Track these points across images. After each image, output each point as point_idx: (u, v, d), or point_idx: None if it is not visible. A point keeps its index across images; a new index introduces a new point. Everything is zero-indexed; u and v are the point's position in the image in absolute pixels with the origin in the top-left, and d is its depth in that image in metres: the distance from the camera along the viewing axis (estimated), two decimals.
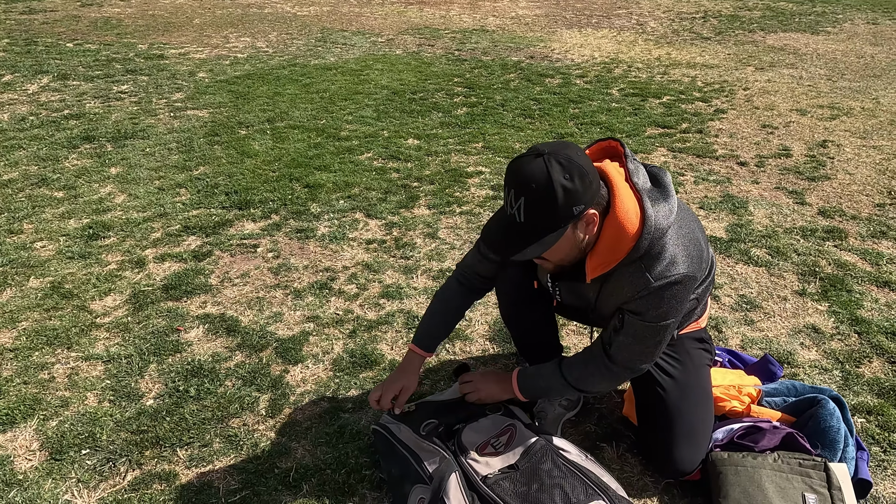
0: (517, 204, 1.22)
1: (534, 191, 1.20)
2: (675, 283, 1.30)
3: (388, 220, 2.97)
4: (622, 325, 1.38)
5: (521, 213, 1.23)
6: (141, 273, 2.53)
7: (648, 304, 1.32)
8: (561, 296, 1.56)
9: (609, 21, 7.98)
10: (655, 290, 1.30)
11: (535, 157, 1.21)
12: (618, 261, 1.30)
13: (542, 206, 1.21)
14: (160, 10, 8.20)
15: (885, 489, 1.60)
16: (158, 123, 4.17)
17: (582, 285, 1.42)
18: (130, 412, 1.83)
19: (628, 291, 1.33)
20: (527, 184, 1.20)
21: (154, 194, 3.18)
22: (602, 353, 1.45)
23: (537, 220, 1.23)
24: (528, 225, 1.24)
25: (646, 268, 1.30)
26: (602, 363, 1.45)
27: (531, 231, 1.25)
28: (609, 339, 1.43)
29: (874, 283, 2.47)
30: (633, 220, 1.28)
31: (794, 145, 3.89)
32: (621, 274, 1.33)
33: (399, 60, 5.90)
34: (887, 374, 1.99)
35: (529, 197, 1.21)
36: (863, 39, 6.84)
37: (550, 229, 1.24)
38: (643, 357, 1.42)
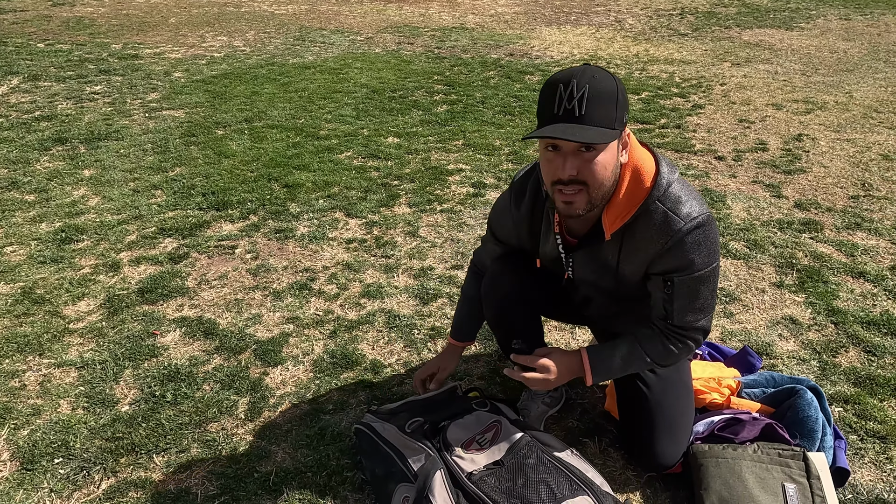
0: (579, 93, 1.13)
1: (598, 81, 1.14)
2: (704, 224, 1.26)
3: (369, 218, 2.94)
4: (672, 291, 1.31)
5: (582, 104, 1.13)
6: (115, 277, 2.48)
7: (688, 253, 1.27)
8: (573, 270, 1.46)
9: (588, 18, 8.02)
10: (688, 233, 1.25)
11: (584, 65, 1.19)
12: (637, 206, 1.27)
13: (604, 98, 1.15)
14: (134, 10, 8.06)
15: (863, 477, 1.62)
16: (133, 124, 4.10)
17: (600, 248, 1.36)
18: (105, 419, 1.79)
19: (660, 240, 1.27)
20: (589, 75, 1.15)
21: (129, 196, 3.12)
22: (666, 328, 1.39)
23: (599, 113, 1.15)
24: (589, 116, 1.15)
25: (671, 209, 1.25)
26: (672, 336, 1.39)
27: (592, 121, 1.15)
28: (664, 313, 1.36)
29: (849, 273, 2.51)
30: (648, 163, 1.27)
31: (770, 139, 3.94)
32: (646, 221, 1.28)
33: (378, 59, 5.87)
34: (863, 364, 2.02)
35: (594, 86, 1.14)
36: (836, 35, 6.95)
37: (609, 126, 1.16)
38: (706, 311, 1.36)
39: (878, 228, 2.85)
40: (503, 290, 1.61)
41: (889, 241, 2.74)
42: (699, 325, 1.38)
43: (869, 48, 6.33)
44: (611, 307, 1.55)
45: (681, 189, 1.27)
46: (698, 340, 1.41)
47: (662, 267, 1.31)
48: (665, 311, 1.36)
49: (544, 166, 1.26)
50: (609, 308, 1.57)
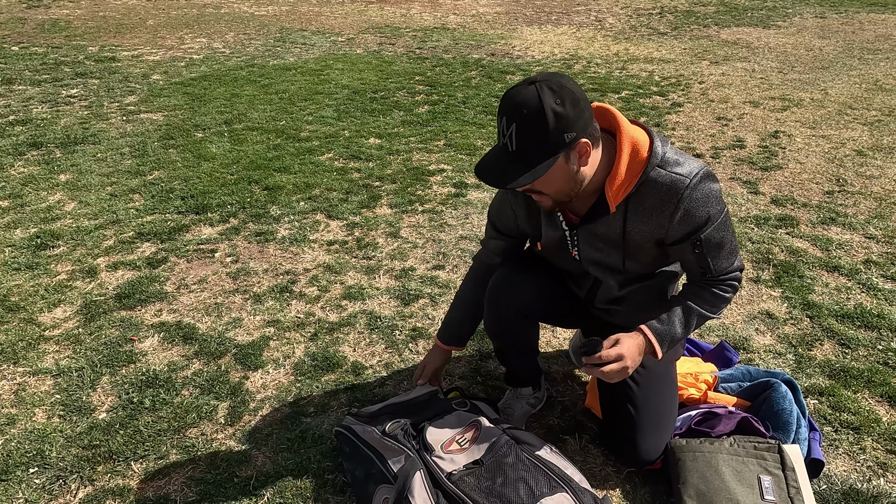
0: (509, 131, 1.20)
1: (524, 116, 1.18)
2: (706, 176, 1.30)
3: (350, 220, 2.94)
4: (703, 249, 1.35)
5: (512, 140, 1.21)
6: (92, 282, 2.45)
7: (703, 207, 1.30)
8: (580, 249, 1.48)
9: (568, 18, 8.07)
10: (695, 187, 1.29)
11: (528, 84, 1.20)
12: (638, 175, 1.29)
13: (532, 132, 1.19)
14: (111, 12, 7.96)
15: (837, 467, 1.65)
16: (110, 128, 4.05)
17: (605, 222, 1.39)
18: (82, 427, 1.77)
19: (670, 200, 1.30)
20: (518, 109, 1.19)
21: (106, 201, 3.08)
22: (708, 281, 1.42)
23: (529, 146, 1.21)
24: (520, 152, 1.21)
25: (673, 171, 1.29)
26: (718, 285, 1.42)
27: (523, 158, 1.22)
28: (702, 271, 1.40)
29: (824, 268, 2.55)
30: (643, 137, 1.31)
31: (747, 136, 3.99)
32: (651, 188, 1.31)
33: (360, 59, 5.85)
34: (838, 357, 2.05)
35: (520, 122, 1.19)
36: (811, 33, 7.06)
37: (542, 156, 1.21)
38: (735, 252, 1.40)
39: (852, 223, 2.90)
40: (507, 305, 1.60)
41: (863, 236, 2.79)
42: (735, 266, 1.42)
43: (843, 45, 6.44)
44: (619, 290, 1.54)
45: (675, 153, 1.32)
46: (739, 279, 1.45)
47: (684, 230, 1.34)
48: (703, 269, 1.40)
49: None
50: (618, 291, 1.55)
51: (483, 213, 2.99)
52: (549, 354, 2.08)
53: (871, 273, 2.51)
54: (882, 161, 3.60)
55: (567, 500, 1.36)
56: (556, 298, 1.66)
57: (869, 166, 3.53)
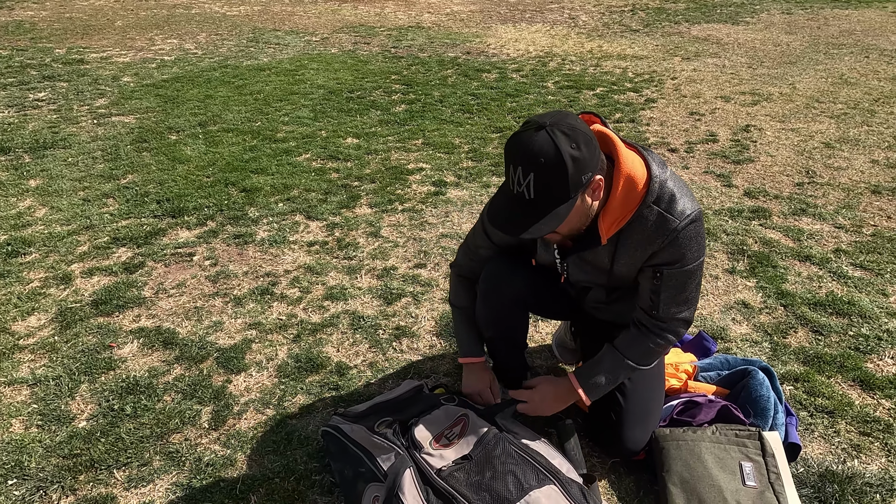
0: (526, 180, 1.18)
1: (543, 165, 1.16)
2: (696, 221, 1.31)
3: (330, 220, 2.92)
4: (661, 282, 1.36)
5: (530, 189, 1.18)
6: (67, 289, 2.40)
7: (681, 248, 1.31)
8: (569, 272, 1.51)
9: (542, 16, 8.13)
10: (683, 229, 1.29)
11: (538, 129, 1.17)
12: (632, 211, 1.30)
13: (553, 180, 1.17)
14: (78, 13, 7.79)
15: (814, 450, 1.70)
16: (81, 131, 3.96)
17: (595, 252, 1.40)
18: (61, 436, 1.73)
19: (656, 240, 1.31)
20: (535, 159, 1.16)
21: (79, 206, 3.02)
22: (650, 320, 1.42)
23: (549, 194, 1.19)
24: (539, 200, 1.20)
25: (666, 210, 1.29)
26: (656, 330, 1.43)
27: (543, 206, 1.20)
28: (650, 305, 1.40)
29: (796, 257, 2.62)
30: (640, 170, 1.29)
31: (719, 131, 4.07)
32: (642, 224, 1.31)
33: (335, 59, 5.82)
34: (811, 343, 2.11)
35: (539, 172, 1.16)
36: (779, 29, 7.22)
37: (562, 201, 1.20)
38: (690, 303, 1.40)
39: (821, 213, 2.98)
40: (502, 294, 1.61)
41: (832, 226, 2.87)
42: (682, 317, 1.42)
43: (810, 41, 6.59)
44: (609, 294, 1.57)
45: (673, 187, 1.31)
46: (679, 333, 1.45)
47: (655, 261, 1.36)
48: (651, 302, 1.40)
49: None
50: (607, 295, 1.58)
51: (462, 211, 3.00)
52: (533, 349, 2.10)
53: (841, 261, 2.58)
54: (849, 153, 3.70)
55: (555, 491, 1.37)
56: (547, 288, 1.67)
57: (836, 158, 3.62)
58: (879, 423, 1.78)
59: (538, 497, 1.34)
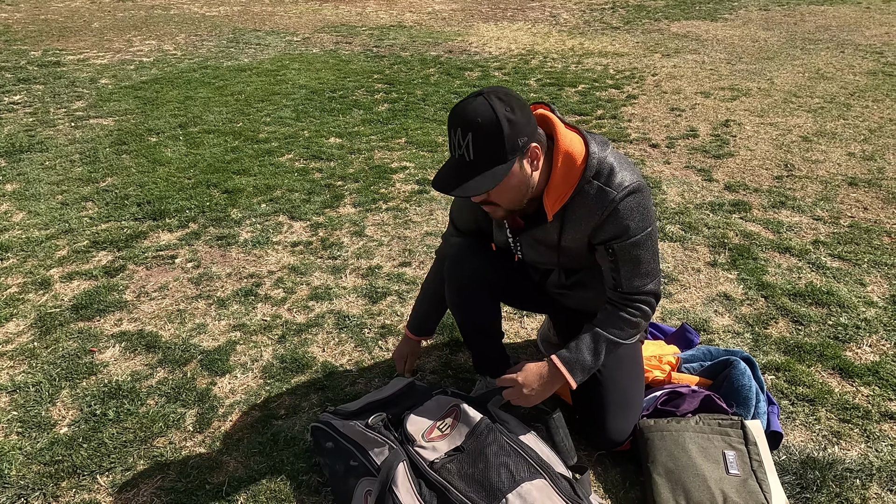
0: (465, 141, 1.25)
1: (480, 125, 1.24)
2: (635, 191, 1.35)
3: (313, 220, 2.91)
4: (615, 258, 1.41)
5: (469, 150, 1.26)
6: (46, 294, 2.36)
7: (623, 220, 1.36)
8: (522, 252, 1.57)
9: (524, 14, 8.15)
10: (621, 201, 1.34)
11: (476, 96, 1.26)
12: (573, 186, 1.36)
13: (489, 139, 1.25)
14: (53, 15, 7.67)
15: (795, 438, 1.72)
16: (58, 135, 3.90)
17: (543, 229, 1.46)
18: (42, 442, 1.71)
19: (596, 212, 1.37)
20: (473, 120, 1.24)
21: (57, 210, 2.97)
22: (619, 296, 1.46)
23: (486, 153, 1.26)
24: (478, 160, 1.27)
25: (605, 184, 1.35)
26: (626, 303, 1.46)
27: (481, 165, 1.28)
28: (614, 283, 1.44)
29: (776, 249, 2.65)
30: (578, 146, 1.36)
31: (700, 126, 4.11)
32: (583, 199, 1.37)
33: (316, 59, 5.79)
34: (792, 333, 2.14)
35: (477, 132, 1.24)
36: (756, 25, 7.31)
37: (500, 161, 1.27)
38: (652, 275, 1.44)
39: (800, 206, 3.02)
40: (464, 272, 1.64)
41: (811, 217, 2.92)
42: (648, 290, 1.45)
43: (787, 36, 6.69)
44: (568, 277, 1.61)
45: (613, 161, 1.37)
46: (651, 304, 1.48)
47: (602, 237, 1.40)
48: (614, 280, 1.45)
49: None
50: (567, 278, 1.62)
51: (447, 209, 3.00)
52: (518, 345, 2.11)
53: (820, 252, 2.62)
54: (826, 146, 3.76)
55: (545, 485, 1.38)
56: (511, 274, 1.70)
57: (814, 151, 3.68)
58: (858, 409, 1.81)
59: (529, 489, 1.35)
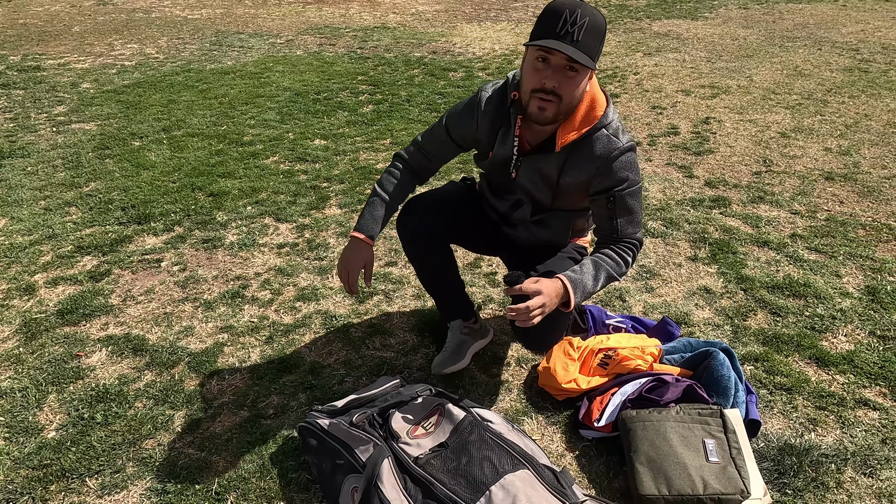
0: (581, 22, 1.38)
1: (596, 18, 1.40)
2: (634, 150, 1.56)
3: (299, 222, 2.92)
4: (615, 206, 1.59)
5: (581, 32, 1.39)
6: (31, 300, 2.35)
7: (625, 170, 1.56)
8: (518, 173, 1.67)
9: (507, 14, 8.20)
10: (625, 153, 1.54)
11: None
12: (588, 127, 1.53)
13: (597, 35, 1.42)
14: (32, 19, 7.59)
15: (773, 426, 1.77)
16: (40, 140, 3.87)
17: (548, 159, 1.59)
18: (30, 447, 1.71)
19: (602, 157, 1.54)
20: (592, 12, 1.40)
21: (40, 215, 2.96)
22: (613, 242, 1.64)
23: (590, 43, 1.41)
24: (583, 44, 1.40)
25: (614, 135, 1.55)
26: (621, 249, 1.63)
27: (583, 48, 1.40)
28: (611, 229, 1.63)
29: (755, 243, 2.71)
30: (601, 99, 1.56)
31: (681, 123, 4.17)
32: (592, 142, 1.55)
33: (300, 61, 5.79)
34: (770, 325, 2.20)
35: (592, 21, 1.39)
36: (736, 23, 7.41)
37: (594, 56, 1.42)
38: (641, 225, 1.65)
39: (778, 201, 3.09)
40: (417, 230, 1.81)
41: (788, 212, 2.98)
42: (638, 237, 1.66)
43: (765, 34, 6.79)
44: (534, 214, 1.75)
45: (620, 124, 1.59)
46: (638, 250, 1.67)
47: (605, 184, 1.58)
48: (611, 227, 1.63)
49: (530, 73, 1.48)
50: (533, 214, 1.76)
51: None
52: (504, 341, 2.14)
53: (797, 246, 2.68)
54: (803, 141, 3.83)
55: (529, 475, 1.41)
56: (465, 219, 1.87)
57: (792, 147, 3.75)
58: (834, 397, 1.87)
59: (513, 480, 1.38)
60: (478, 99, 1.69)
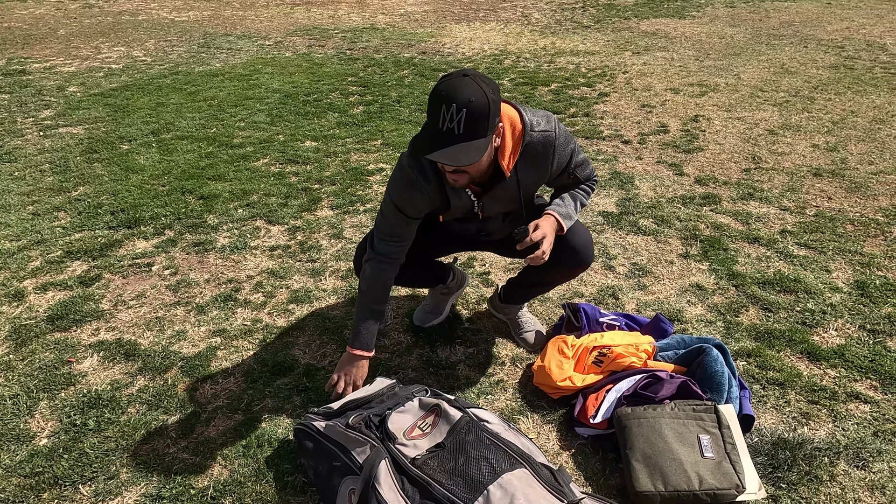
0: (458, 117, 1.41)
1: (473, 105, 1.41)
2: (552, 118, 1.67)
3: (291, 224, 2.91)
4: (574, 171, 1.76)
5: (461, 125, 1.41)
6: (20, 306, 2.33)
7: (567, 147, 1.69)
8: (484, 210, 1.77)
9: (496, 14, 8.21)
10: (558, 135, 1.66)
11: (463, 76, 1.43)
12: (520, 143, 1.62)
13: (479, 118, 1.42)
14: (17, 22, 7.51)
15: (766, 421, 1.79)
16: (27, 144, 3.83)
17: (504, 187, 1.69)
18: (22, 455, 1.69)
19: (548, 152, 1.66)
20: (467, 100, 1.40)
21: (28, 221, 2.93)
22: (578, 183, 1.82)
23: (474, 129, 1.43)
24: (466, 134, 1.43)
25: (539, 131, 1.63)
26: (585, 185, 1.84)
27: (467, 139, 1.44)
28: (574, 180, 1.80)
29: (745, 240, 2.73)
30: (513, 112, 1.62)
31: (670, 122, 4.20)
32: (532, 149, 1.64)
33: (289, 62, 5.77)
34: (762, 320, 2.21)
35: (470, 110, 1.41)
36: (723, 22, 7.47)
37: (482, 136, 1.45)
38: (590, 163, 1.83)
39: (768, 197, 3.11)
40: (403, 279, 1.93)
41: (778, 208, 3.01)
42: (593, 173, 1.85)
43: (752, 33, 6.85)
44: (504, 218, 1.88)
45: (532, 114, 1.65)
46: (596, 181, 1.89)
47: (562, 167, 1.72)
48: (574, 181, 1.81)
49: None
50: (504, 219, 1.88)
51: None
52: (498, 340, 2.14)
53: (787, 242, 2.71)
54: (791, 138, 3.87)
55: (526, 474, 1.41)
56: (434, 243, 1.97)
57: (780, 144, 3.79)
58: (826, 391, 1.88)
59: (510, 479, 1.38)
60: (409, 172, 1.66)
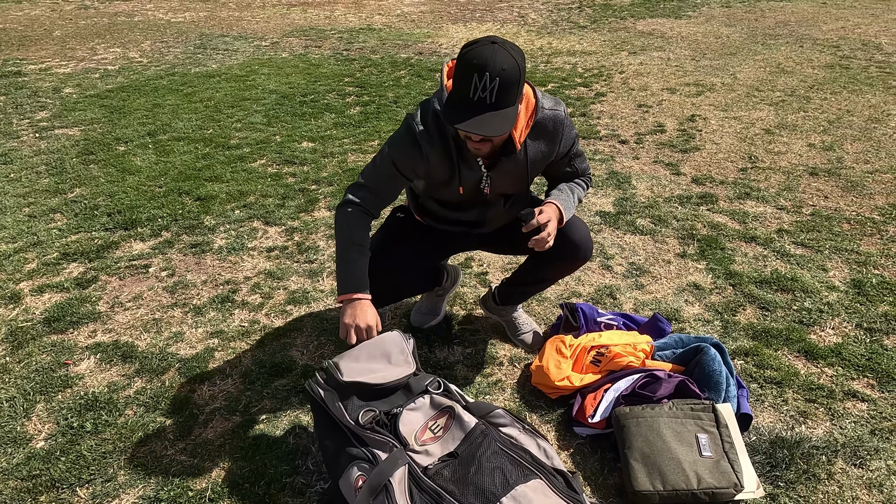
0: (491, 86, 1.39)
1: (506, 73, 1.40)
2: (565, 107, 1.72)
3: (289, 225, 2.90)
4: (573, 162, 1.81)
5: (493, 94, 1.40)
6: (17, 308, 2.32)
7: (570, 130, 1.73)
8: (491, 186, 1.75)
9: (492, 14, 8.21)
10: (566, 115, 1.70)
11: (491, 44, 1.41)
12: (532, 118, 1.64)
13: (511, 86, 1.42)
14: (12, 24, 7.48)
15: (764, 420, 1.79)
16: (22, 146, 3.82)
17: (513, 159, 1.69)
18: (18, 458, 1.68)
19: (557, 129, 1.69)
20: (501, 69, 1.39)
21: (24, 223, 2.92)
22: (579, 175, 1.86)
23: (506, 98, 1.43)
24: (498, 103, 1.42)
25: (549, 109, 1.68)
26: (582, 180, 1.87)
27: (499, 107, 1.43)
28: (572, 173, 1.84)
29: (742, 239, 2.74)
30: (530, 91, 1.65)
31: (667, 121, 4.20)
32: (542, 125, 1.67)
33: (286, 63, 5.76)
34: (759, 319, 2.22)
35: (503, 79, 1.39)
36: (719, 21, 7.49)
37: (512, 104, 1.45)
38: (586, 158, 1.88)
39: (764, 196, 3.12)
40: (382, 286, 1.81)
41: (774, 207, 3.01)
42: (589, 169, 1.89)
43: (748, 32, 6.87)
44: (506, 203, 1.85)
45: (544, 97, 1.69)
46: (591, 177, 1.93)
47: (565, 149, 1.75)
48: (572, 171, 1.83)
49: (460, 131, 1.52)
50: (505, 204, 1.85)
51: None
52: (496, 340, 2.14)
53: (784, 241, 2.71)
54: (787, 137, 3.88)
55: (541, 485, 1.38)
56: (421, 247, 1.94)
57: (776, 143, 3.80)
58: (823, 389, 1.89)
59: (524, 491, 1.35)
60: (416, 132, 1.62)
